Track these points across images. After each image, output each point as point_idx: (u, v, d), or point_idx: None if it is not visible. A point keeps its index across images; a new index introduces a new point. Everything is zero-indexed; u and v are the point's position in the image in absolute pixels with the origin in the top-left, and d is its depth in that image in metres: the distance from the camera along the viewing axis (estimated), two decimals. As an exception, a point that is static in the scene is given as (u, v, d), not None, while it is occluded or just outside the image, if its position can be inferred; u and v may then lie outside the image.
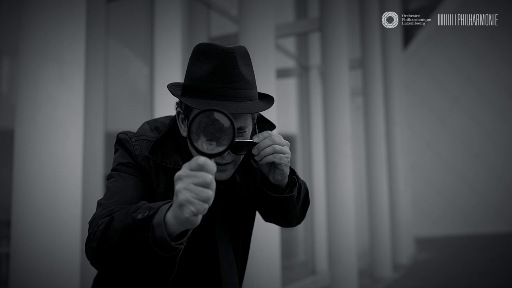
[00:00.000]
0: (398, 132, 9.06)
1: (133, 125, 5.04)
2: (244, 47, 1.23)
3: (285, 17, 7.85)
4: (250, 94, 1.20)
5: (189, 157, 1.28)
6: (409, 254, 9.41)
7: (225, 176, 1.25)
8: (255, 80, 1.24)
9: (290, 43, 7.97)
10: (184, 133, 1.27)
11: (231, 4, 6.14)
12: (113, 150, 1.36)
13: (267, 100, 1.29)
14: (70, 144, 2.30)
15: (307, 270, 7.74)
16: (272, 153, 1.21)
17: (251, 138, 1.26)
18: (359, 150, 9.40)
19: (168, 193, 1.26)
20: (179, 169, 1.22)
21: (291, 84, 8.23)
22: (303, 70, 8.23)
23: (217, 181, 1.30)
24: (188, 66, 1.24)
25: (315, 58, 8.25)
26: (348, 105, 5.70)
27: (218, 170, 1.22)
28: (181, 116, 1.27)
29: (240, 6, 3.93)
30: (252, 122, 1.27)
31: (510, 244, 11.47)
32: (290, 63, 8.06)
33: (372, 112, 7.57)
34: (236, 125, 1.18)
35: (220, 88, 1.16)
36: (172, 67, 3.90)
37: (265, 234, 3.62)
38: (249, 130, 1.26)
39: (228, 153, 1.20)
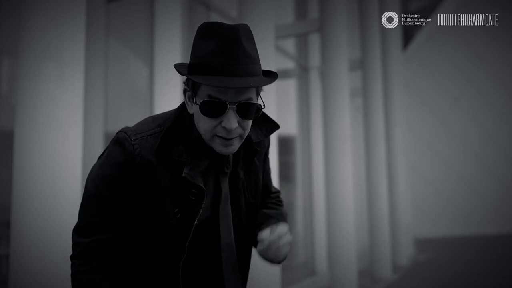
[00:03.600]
0: (397, 133, 9.06)
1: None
2: (246, 25, 1.24)
3: (285, 18, 7.85)
4: (254, 70, 1.21)
5: (192, 146, 1.29)
6: (409, 255, 9.41)
7: (231, 150, 1.26)
8: (258, 56, 1.25)
9: (289, 44, 7.97)
10: (191, 110, 1.27)
11: (231, 4, 6.14)
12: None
13: (271, 75, 1.29)
14: (70, 144, 2.30)
15: (307, 271, 7.74)
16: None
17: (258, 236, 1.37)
18: (359, 150, 9.40)
19: (171, 187, 1.27)
20: (183, 160, 1.25)
21: (291, 85, 8.23)
22: (303, 71, 8.23)
23: (222, 171, 1.34)
24: (193, 45, 1.25)
25: (315, 59, 8.25)
26: (347, 106, 5.70)
27: (224, 145, 1.24)
28: (188, 93, 1.27)
29: (240, 7, 3.93)
30: (257, 97, 1.28)
31: (510, 245, 11.46)
32: (290, 64, 8.06)
33: (372, 113, 7.57)
34: (242, 99, 1.21)
35: (225, 64, 1.17)
36: (172, 68, 3.89)
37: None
38: (254, 100, 1.26)
39: (238, 123, 1.22)
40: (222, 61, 1.17)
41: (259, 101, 1.28)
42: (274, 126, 1.43)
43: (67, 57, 2.30)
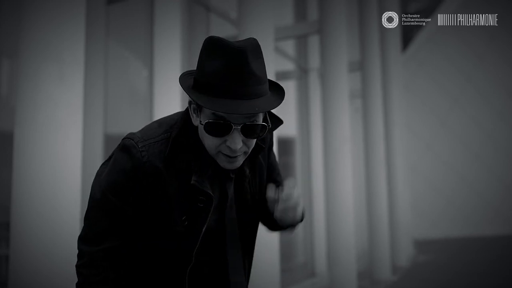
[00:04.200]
0: (397, 133, 9.06)
1: (133, 126, 5.02)
2: (255, 39, 1.22)
3: (284, 18, 7.85)
4: (261, 91, 1.20)
5: (198, 153, 1.28)
6: (408, 256, 9.40)
7: (236, 165, 1.26)
8: (266, 72, 1.24)
9: (289, 46, 7.97)
10: (195, 122, 1.26)
11: (231, 6, 6.14)
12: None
13: (279, 92, 1.29)
14: (70, 144, 2.29)
15: (307, 272, 7.73)
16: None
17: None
18: (358, 151, 9.40)
19: (179, 194, 1.26)
20: (190, 167, 1.26)
21: (290, 86, 8.22)
22: (302, 73, 8.23)
23: (228, 177, 1.34)
24: (199, 58, 1.23)
25: (314, 61, 8.25)
26: (347, 107, 5.70)
27: (228, 162, 1.24)
28: (193, 106, 1.26)
29: (240, 8, 3.93)
30: (263, 114, 1.28)
31: (510, 246, 11.44)
32: (289, 66, 8.06)
33: (371, 114, 7.57)
34: (247, 120, 1.21)
35: (231, 87, 1.16)
36: (172, 69, 3.90)
37: (264, 236, 3.61)
38: (260, 119, 1.26)
39: (243, 142, 1.22)
40: (228, 83, 1.15)
41: (268, 109, 1.27)
42: (278, 121, 1.43)
43: (67, 57, 2.29)
